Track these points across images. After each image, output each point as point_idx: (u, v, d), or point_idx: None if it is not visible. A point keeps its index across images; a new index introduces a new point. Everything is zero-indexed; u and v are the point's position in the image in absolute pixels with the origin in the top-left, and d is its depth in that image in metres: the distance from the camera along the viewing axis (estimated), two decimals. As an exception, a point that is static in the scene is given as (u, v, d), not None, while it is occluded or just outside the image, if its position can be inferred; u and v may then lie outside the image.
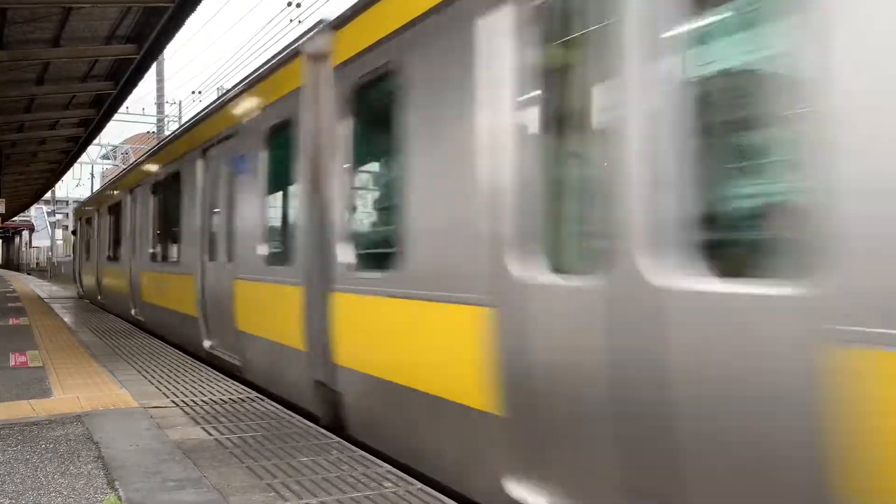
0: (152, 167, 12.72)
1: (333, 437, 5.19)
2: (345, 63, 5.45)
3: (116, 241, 15.92)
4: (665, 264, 2.84)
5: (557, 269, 3.50)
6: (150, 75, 31.43)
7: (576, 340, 3.26)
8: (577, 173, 3.62)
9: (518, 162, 3.67)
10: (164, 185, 11.76)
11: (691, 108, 2.83)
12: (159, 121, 35.08)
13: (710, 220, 2.84)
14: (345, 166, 5.56)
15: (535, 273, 3.56)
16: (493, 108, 3.77)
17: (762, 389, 2.45)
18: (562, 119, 3.61)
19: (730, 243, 2.92)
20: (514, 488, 3.68)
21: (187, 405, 6.26)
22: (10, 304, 18.13)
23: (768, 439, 2.44)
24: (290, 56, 6.62)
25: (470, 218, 3.95)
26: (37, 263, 72.63)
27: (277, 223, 7.27)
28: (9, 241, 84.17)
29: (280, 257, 6.88)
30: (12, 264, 77.64)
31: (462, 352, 4.02)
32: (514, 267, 3.65)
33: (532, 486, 3.60)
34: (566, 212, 3.65)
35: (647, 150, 2.91)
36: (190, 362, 8.75)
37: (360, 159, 5.63)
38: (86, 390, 6.85)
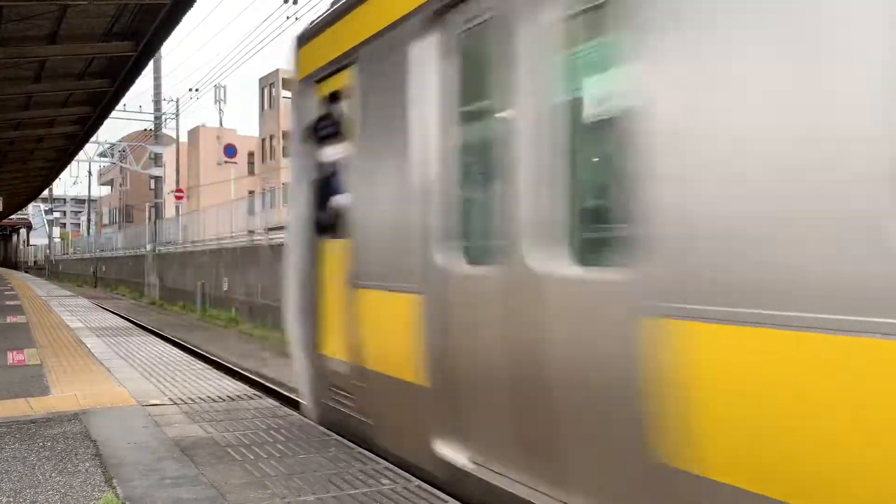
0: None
1: (332, 434, 5.19)
2: None
3: None
4: None
5: None
6: (147, 72, 31.46)
7: None
8: None
9: None
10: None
11: None
12: (156, 118, 34.99)
13: None
14: None
15: None
16: None
17: None
18: None
19: None
20: None
21: (185, 403, 6.26)
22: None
23: None
24: None
25: None
26: (34, 262, 72.69)
27: None
28: (6, 239, 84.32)
29: None
30: (10, 262, 77.68)
31: None
32: None
33: None
34: None
35: None
36: (188, 360, 8.72)
37: None
38: (84, 388, 6.85)
